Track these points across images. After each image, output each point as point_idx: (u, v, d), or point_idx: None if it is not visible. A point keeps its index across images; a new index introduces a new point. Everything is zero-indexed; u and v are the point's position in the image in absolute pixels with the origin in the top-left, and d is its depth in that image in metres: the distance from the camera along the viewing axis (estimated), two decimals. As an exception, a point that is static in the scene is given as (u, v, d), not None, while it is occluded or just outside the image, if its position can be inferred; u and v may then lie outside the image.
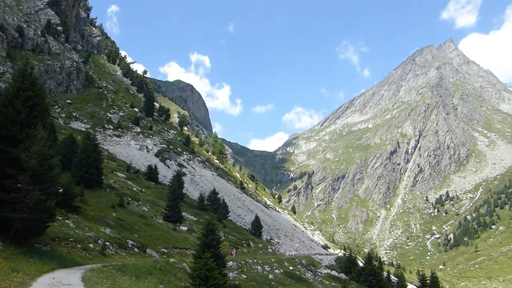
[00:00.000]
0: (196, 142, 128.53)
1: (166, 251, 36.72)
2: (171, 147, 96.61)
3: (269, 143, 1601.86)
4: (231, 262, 40.92)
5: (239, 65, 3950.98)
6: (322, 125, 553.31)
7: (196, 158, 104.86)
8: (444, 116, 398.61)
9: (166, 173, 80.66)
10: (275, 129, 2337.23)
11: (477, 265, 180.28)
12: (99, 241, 29.45)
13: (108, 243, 30.15)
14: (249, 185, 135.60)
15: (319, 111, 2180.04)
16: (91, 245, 27.82)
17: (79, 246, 26.38)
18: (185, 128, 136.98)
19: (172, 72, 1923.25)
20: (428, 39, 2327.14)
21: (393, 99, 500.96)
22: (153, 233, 39.65)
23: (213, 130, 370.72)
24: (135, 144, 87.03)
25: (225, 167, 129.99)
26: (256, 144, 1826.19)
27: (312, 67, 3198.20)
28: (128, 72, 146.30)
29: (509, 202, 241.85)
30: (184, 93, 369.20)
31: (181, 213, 52.97)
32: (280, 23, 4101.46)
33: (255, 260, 47.74)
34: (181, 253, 38.51)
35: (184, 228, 50.01)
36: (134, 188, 58.83)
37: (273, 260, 52.62)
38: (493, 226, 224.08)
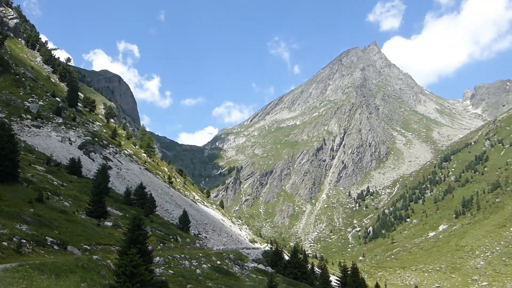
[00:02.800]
0: (123, 135, 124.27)
1: (89, 247, 35.13)
2: (96, 139, 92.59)
3: (199, 138, 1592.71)
4: (158, 257, 40.12)
5: (170, 56, 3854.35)
6: (251, 120, 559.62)
7: (122, 152, 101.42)
8: (367, 116, 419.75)
9: (90, 167, 77.22)
10: (205, 123, 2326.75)
11: (393, 256, 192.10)
12: (14, 239, 27.46)
13: (24, 241, 28.21)
14: (178, 180, 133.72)
15: (249, 106, 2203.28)
16: (4, 243, 25.87)
17: (-9, 244, 24.46)
18: (112, 120, 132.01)
19: (98, 60, 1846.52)
20: (355, 39, 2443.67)
21: (320, 97, 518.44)
22: (75, 229, 37.74)
23: (141, 123, 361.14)
24: (57, 136, 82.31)
25: (153, 161, 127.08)
26: (185, 138, 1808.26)
27: (244, 61, 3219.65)
28: (49, 59, 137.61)
29: (422, 197, 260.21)
30: (111, 84, 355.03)
31: (106, 208, 50.95)
32: (213, 14, 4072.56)
33: (182, 255, 47.16)
34: (105, 249, 37.05)
35: (109, 224, 48.17)
36: (55, 182, 55.62)
37: (200, 254, 52.32)
38: (408, 219, 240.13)
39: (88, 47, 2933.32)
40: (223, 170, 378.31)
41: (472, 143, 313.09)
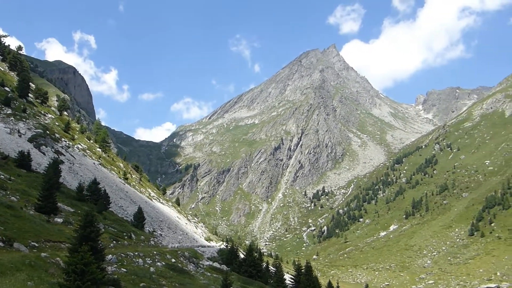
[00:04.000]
0: (77, 129, 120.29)
1: (37, 245, 33.77)
2: (48, 132, 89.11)
3: (156, 133, 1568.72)
4: (110, 255, 39.14)
5: (129, 49, 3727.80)
6: (210, 118, 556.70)
7: (76, 146, 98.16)
8: (325, 117, 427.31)
9: (40, 161, 74.26)
10: (163, 119, 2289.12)
11: (345, 255, 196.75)
12: (-44, 234, 26.00)
13: (-34, 237, 26.77)
14: (133, 176, 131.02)
15: (208, 103, 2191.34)
16: None
17: None
18: (65, 113, 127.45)
19: (51, 49, 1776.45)
20: (316, 40, 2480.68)
21: (279, 97, 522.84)
22: (23, 226, 36.17)
23: (97, 117, 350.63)
24: (5, 127, 78.60)
25: (108, 156, 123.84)
26: (142, 134, 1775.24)
27: (204, 57, 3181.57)
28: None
29: (375, 197, 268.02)
30: (65, 75, 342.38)
31: (57, 203, 49.12)
32: (175, 8, 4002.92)
33: (136, 253, 46.27)
34: (54, 247, 35.74)
35: (60, 220, 46.50)
36: (1, 176, 53.10)
37: (155, 252, 51.53)
38: (361, 219, 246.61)
39: (41, 35, 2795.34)
40: (180, 167, 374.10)
41: (423, 146, 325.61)
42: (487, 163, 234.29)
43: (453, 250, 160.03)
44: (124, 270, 36.89)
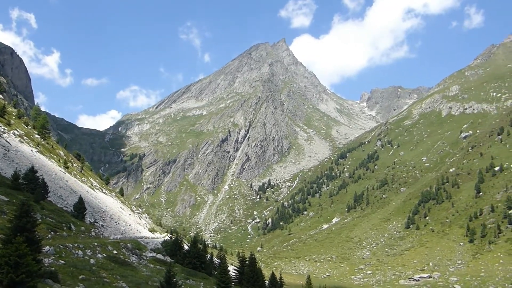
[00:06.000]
0: (14, 114, 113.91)
1: (-34, 235, 31.76)
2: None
3: (100, 121, 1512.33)
4: (47, 246, 37.57)
5: (72, 30, 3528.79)
6: (157, 107, 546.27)
7: (12, 131, 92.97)
8: (272, 110, 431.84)
9: (-28, 146, 69.72)
10: (108, 106, 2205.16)
11: (289, 247, 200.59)
12: None
13: None
14: (75, 165, 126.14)
15: (156, 91, 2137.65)
16: None
17: None
18: (1, 96, 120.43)
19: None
20: (266, 32, 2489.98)
21: (228, 89, 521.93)
22: (-50, 215, 33.89)
23: (36, 102, 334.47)
24: None
25: (48, 143, 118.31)
26: (85, 121, 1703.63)
27: (152, 43, 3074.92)
28: None
29: (319, 191, 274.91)
30: (1, 56, 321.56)
31: (-11, 192, 46.45)
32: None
33: (75, 244, 44.70)
34: (-14, 237, 33.77)
35: (-8, 210, 44.00)
36: None
37: (96, 244, 50.05)
38: (305, 212, 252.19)
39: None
40: (125, 157, 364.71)
41: (366, 142, 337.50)
42: (423, 160, 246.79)
43: (390, 242, 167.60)
44: (62, 262, 35.61)
